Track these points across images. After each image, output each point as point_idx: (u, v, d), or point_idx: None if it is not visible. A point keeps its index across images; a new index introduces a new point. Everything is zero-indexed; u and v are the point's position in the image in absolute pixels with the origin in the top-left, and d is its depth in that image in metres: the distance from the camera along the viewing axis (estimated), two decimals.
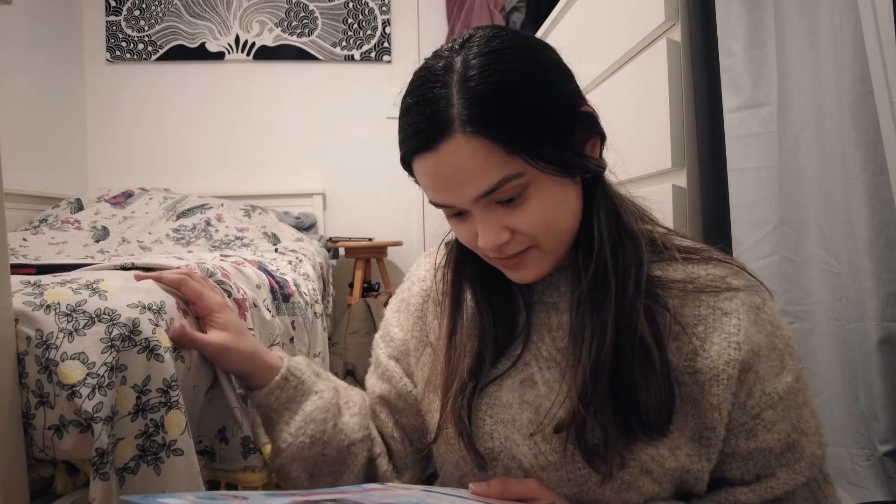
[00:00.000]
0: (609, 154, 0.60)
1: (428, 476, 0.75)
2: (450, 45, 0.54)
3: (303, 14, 2.90)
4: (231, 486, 0.98)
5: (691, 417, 0.55)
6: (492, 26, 0.55)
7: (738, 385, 0.54)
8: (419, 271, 0.74)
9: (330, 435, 0.68)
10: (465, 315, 0.64)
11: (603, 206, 0.57)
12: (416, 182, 0.56)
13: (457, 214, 0.56)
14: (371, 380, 0.75)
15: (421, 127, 0.51)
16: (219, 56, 2.87)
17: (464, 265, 0.64)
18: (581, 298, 0.56)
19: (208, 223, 2.37)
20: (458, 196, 0.52)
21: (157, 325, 0.79)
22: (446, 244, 0.71)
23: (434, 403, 0.64)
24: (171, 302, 0.88)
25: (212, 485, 0.97)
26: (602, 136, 0.57)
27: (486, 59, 0.50)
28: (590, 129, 0.55)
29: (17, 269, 1.00)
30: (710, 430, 0.55)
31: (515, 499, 0.54)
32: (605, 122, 0.58)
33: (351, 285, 2.67)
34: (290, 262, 1.80)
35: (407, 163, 0.55)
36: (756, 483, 0.56)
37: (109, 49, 2.82)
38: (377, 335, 0.76)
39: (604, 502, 0.56)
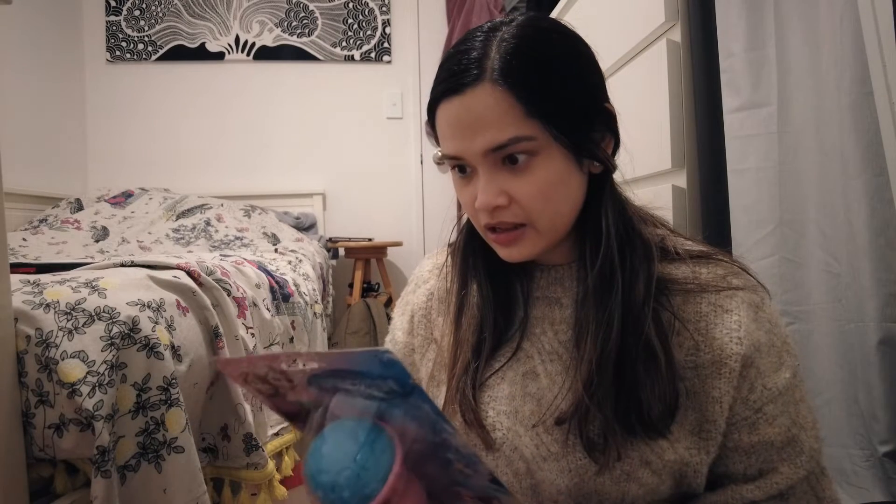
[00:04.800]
0: (622, 163, 0.62)
1: None
2: (501, 19, 0.58)
3: (303, 14, 2.91)
4: (235, 484, 0.98)
5: (691, 411, 0.56)
6: (544, 14, 0.60)
7: (739, 379, 0.56)
8: (422, 272, 0.75)
9: None
10: (470, 301, 0.65)
11: (610, 202, 0.59)
12: (435, 136, 0.59)
13: (464, 173, 0.58)
14: None
15: (454, 70, 0.54)
16: (219, 56, 2.88)
17: (472, 247, 0.66)
18: (587, 293, 0.57)
19: (208, 223, 2.37)
20: (470, 146, 0.54)
21: (156, 323, 0.79)
22: (449, 245, 0.72)
23: (438, 398, 0.65)
24: (170, 300, 0.88)
25: (216, 483, 0.97)
26: (616, 139, 0.60)
27: (530, 30, 0.55)
28: (607, 125, 0.58)
29: (17, 268, 1.00)
30: (710, 423, 0.56)
31: None
32: None
33: (351, 285, 2.67)
34: (289, 263, 1.80)
35: (433, 110, 0.58)
36: (760, 479, 0.57)
37: (109, 49, 2.82)
38: (386, 338, 0.77)
39: (604, 493, 0.57)
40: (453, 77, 0.54)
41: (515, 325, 0.63)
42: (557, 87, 0.53)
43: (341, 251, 2.70)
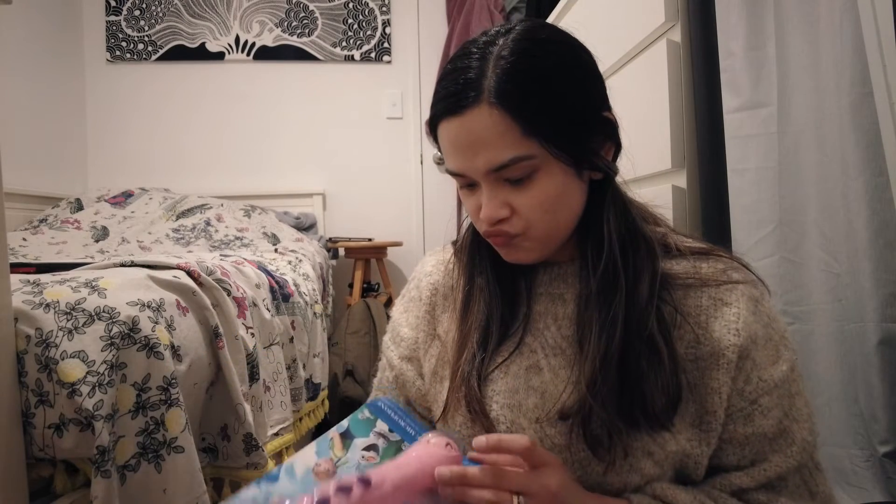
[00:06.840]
0: (621, 162, 0.62)
1: None
2: (498, 28, 0.57)
3: (303, 14, 2.91)
4: (235, 484, 0.98)
5: (692, 403, 0.57)
6: (541, 21, 0.59)
7: (736, 370, 0.57)
8: (426, 267, 0.75)
9: None
10: (476, 296, 0.66)
11: (612, 207, 0.59)
12: (438, 148, 0.59)
13: (468, 185, 0.59)
14: (387, 389, 0.75)
15: (452, 90, 0.54)
16: (219, 56, 2.87)
17: (478, 245, 0.67)
18: (590, 295, 0.58)
19: (208, 223, 2.37)
20: (472, 165, 0.55)
21: (156, 323, 0.79)
22: (453, 242, 0.73)
23: (441, 394, 0.66)
24: (170, 300, 0.88)
25: (216, 482, 0.97)
26: (617, 145, 0.60)
27: (526, 44, 0.54)
28: (607, 134, 0.59)
29: (17, 268, 1.00)
30: (710, 415, 0.57)
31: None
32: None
33: (351, 285, 2.67)
34: (289, 263, 1.80)
35: (434, 126, 0.58)
36: (750, 467, 0.58)
37: (109, 49, 2.82)
38: (386, 337, 0.76)
39: (606, 484, 0.57)
40: (451, 97, 0.55)
41: (519, 320, 0.64)
42: (556, 103, 0.53)
43: (341, 251, 2.70)
